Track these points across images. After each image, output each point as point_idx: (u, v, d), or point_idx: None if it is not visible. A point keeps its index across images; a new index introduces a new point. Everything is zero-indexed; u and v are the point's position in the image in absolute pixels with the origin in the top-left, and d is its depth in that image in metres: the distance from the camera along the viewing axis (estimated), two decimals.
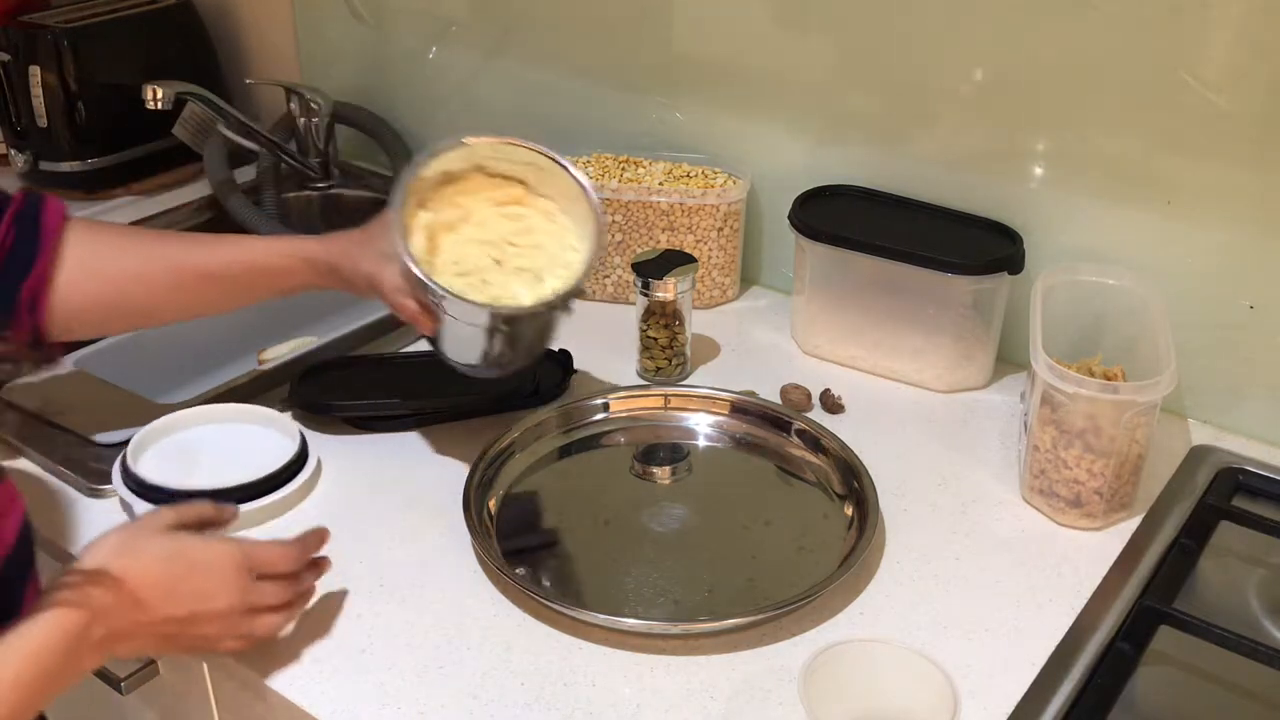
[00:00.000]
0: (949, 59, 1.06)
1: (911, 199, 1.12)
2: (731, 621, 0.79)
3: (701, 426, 1.02)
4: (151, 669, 0.90)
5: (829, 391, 1.06)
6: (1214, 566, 0.88)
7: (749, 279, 1.28)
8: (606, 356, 1.13)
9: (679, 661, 0.78)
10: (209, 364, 1.12)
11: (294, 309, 1.26)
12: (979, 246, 1.04)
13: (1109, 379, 0.89)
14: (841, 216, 1.10)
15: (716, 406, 1.03)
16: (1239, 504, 0.93)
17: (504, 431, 0.98)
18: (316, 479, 0.96)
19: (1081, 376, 0.86)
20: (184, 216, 1.47)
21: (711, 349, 1.15)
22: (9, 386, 1.05)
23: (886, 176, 1.13)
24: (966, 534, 0.90)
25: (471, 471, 0.92)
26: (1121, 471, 0.89)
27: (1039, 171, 1.04)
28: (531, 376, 1.04)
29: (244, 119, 1.42)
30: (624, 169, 1.23)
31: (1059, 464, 0.89)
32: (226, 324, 1.17)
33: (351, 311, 1.19)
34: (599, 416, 1.03)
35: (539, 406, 1.02)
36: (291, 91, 1.46)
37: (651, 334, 1.08)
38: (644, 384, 1.08)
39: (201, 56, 1.57)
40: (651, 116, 1.27)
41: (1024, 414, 0.98)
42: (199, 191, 1.50)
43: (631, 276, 1.07)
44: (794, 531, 0.90)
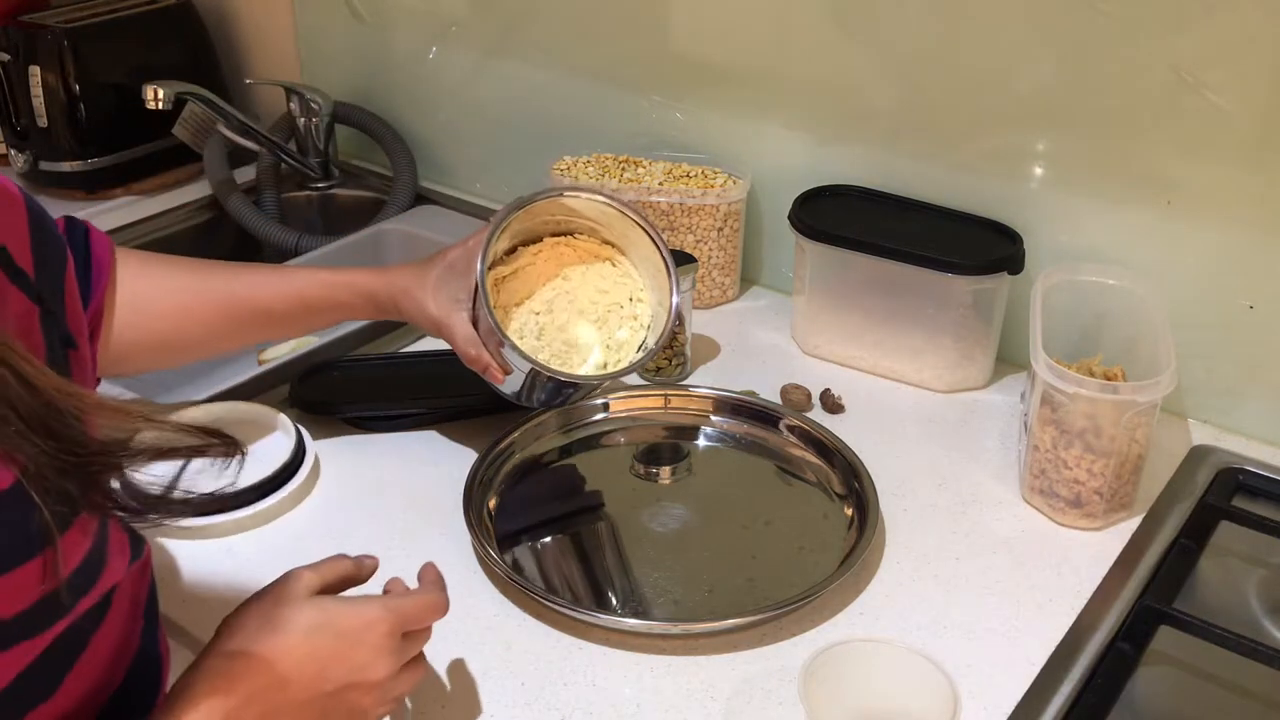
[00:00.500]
0: (949, 59, 1.06)
1: (911, 199, 1.12)
2: (731, 621, 0.79)
3: (701, 426, 1.02)
4: None
5: (829, 391, 1.06)
6: (1214, 566, 0.88)
7: (749, 279, 1.28)
8: None
9: (679, 661, 0.78)
10: (209, 364, 1.12)
11: None
12: (979, 246, 1.04)
13: (1109, 379, 0.89)
14: (841, 216, 1.10)
15: (716, 406, 1.03)
16: (1239, 504, 0.93)
17: (504, 431, 0.98)
18: (315, 479, 0.96)
19: (1081, 376, 0.86)
20: (184, 216, 1.47)
21: (711, 349, 1.15)
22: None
23: (886, 176, 1.13)
24: (966, 534, 0.90)
25: (471, 471, 0.92)
26: (1121, 471, 0.89)
27: (1039, 171, 1.04)
28: None
29: (244, 119, 1.42)
30: (624, 169, 1.23)
31: (1059, 464, 0.89)
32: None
33: None
34: (599, 416, 1.03)
35: (539, 406, 1.02)
36: (291, 91, 1.46)
37: None
38: (644, 384, 1.09)
39: (201, 56, 1.57)
40: (651, 116, 1.27)
41: (1024, 414, 0.98)
42: (199, 191, 1.50)
43: None
44: (794, 531, 0.90)
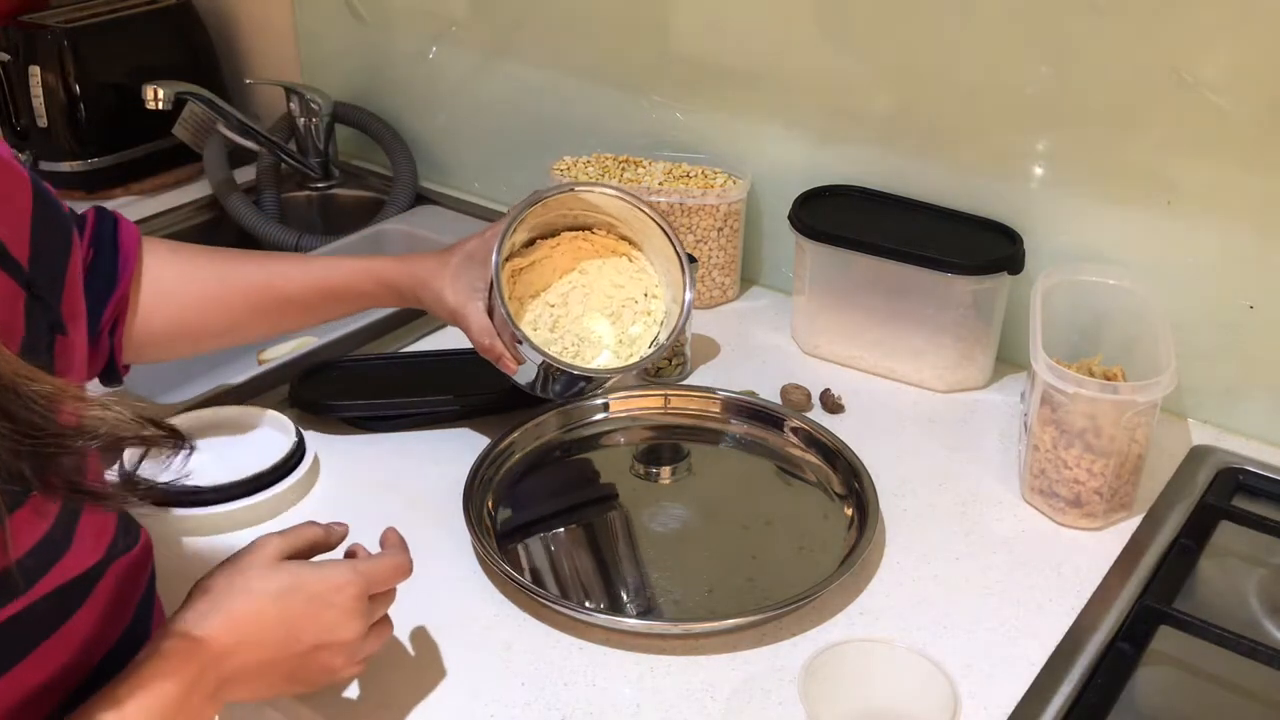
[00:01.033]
0: (950, 59, 1.06)
1: (911, 199, 1.12)
2: (731, 621, 0.79)
3: (701, 426, 1.02)
4: None
5: (829, 391, 1.06)
6: (1214, 566, 0.88)
7: (749, 279, 1.28)
8: None
9: (679, 661, 0.78)
10: (209, 364, 1.12)
11: None
12: (979, 246, 1.04)
13: (1109, 379, 0.89)
14: (841, 216, 1.10)
15: (716, 406, 1.03)
16: (1239, 504, 0.93)
17: (504, 431, 0.98)
18: (315, 476, 0.96)
19: (1081, 376, 0.86)
20: (184, 216, 1.47)
21: (711, 349, 1.15)
22: None
23: (886, 176, 1.13)
24: (966, 534, 0.90)
25: (471, 471, 0.92)
26: (1121, 471, 0.89)
27: (1039, 171, 1.04)
28: None
29: (244, 119, 1.42)
30: (624, 169, 1.23)
31: (1059, 464, 0.89)
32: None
33: None
34: (599, 416, 1.03)
35: (539, 406, 1.02)
36: (291, 91, 1.46)
37: None
38: (644, 384, 1.08)
39: (201, 56, 1.57)
40: (651, 116, 1.27)
41: (1024, 414, 0.98)
42: (199, 191, 1.50)
43: None
44: (794, 531, 0.90)
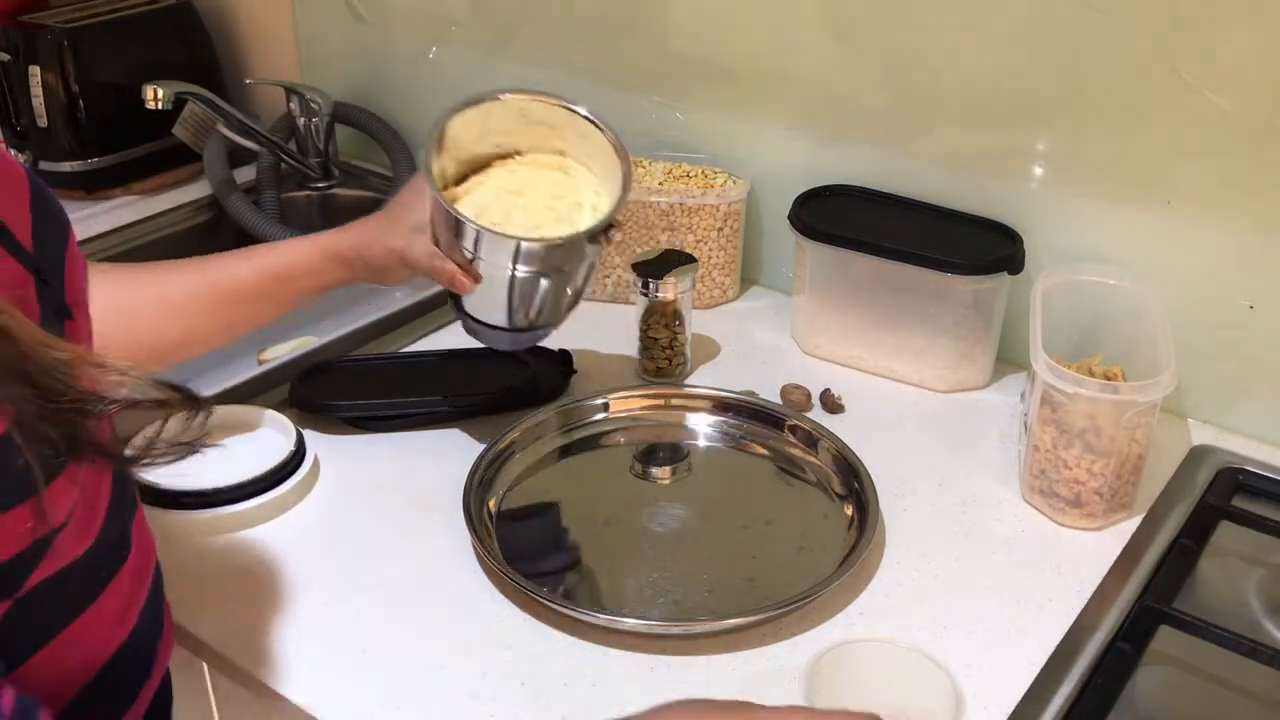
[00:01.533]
0: (949, 59, 1.06)
1: (911, 199, 1.12)
2: (731, 621, 0.79)
3: (701, 426, 1.02)
4: None
5: (829, 391, 1.06)
6: (1214, 566, 0.88)
7: (749, 279, 1.28)
8: (606, 356, 1.13)
9: (679, 661, 0.78)
10: (209, 364, 1.12)
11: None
12: (979, 246, 1.04)
13: (1109, 379, 0.89)
14: (841, 216, 1.10)
15: (716, 406, 1.03)
16: (1239, 504, 0.93)
17: (504, 431, 0.98)
18: (315, 477, 0.96)
19: (1081, 376, 0.86)
20: (184, 216, 1.47)
21: (711, 349, 1.15)
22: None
23: (886, 176, 1.13)
24: (966, 534, 0.90)
25: (471, 471, 0.92)
26: (1121, 471, 0.89)
27: (1039, 171, 1.04)
28: (531, 377, 1.05)
29: (244, 119, 1.42)
30: None
31: (1059, 464, 0.89)
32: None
33: (351, 311, 1.19)
34: (599, 416, 1.03)
35: (539, 406, 1.02)
36: (291, 91, 1.46)
37: (652, 334, 1.08)
38: (644, 384, 1.09)
39: (201, 56, 1.57)
40: (651, 116, 1.27)
41: (1024, 414, 0.98)
42: (199, 191, 1.50)
43: (631, 276, 1.07)
44: (794, 531, 0.90)
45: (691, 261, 1.07)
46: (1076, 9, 0.97)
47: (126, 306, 0.85)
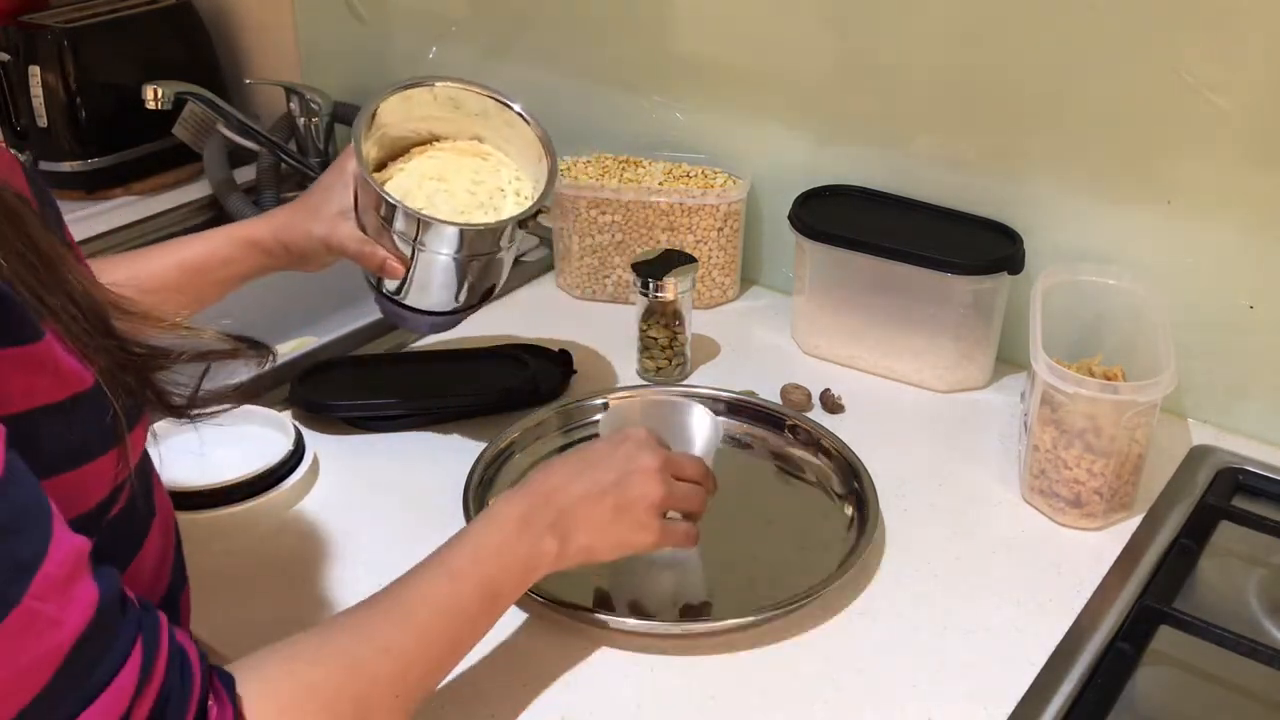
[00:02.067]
0: (949, 59, 1.06)
1: (911, 199, 1.12)
2: (731, 621, 0.79)
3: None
4: None
5: (829, 391, 1.06)
6: (1214, 566, 0.88)
7: (749, 279, 1.28)
8: (606, 356, 1.13)
9: (679, 661, 0.78)
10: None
11: (294, 309, 1.26)
12: (979, 246, 1.04)
13: (1109, 379, 0.89)
14: (841, 216, 1.10)
15: (716, 406, 1.03)
16: (1239, 504, 0.93)
17: (504, 431, 0.98)
18: (314, 476, 0.96)
19: (1081, 376, 0.86)
20: (184, 216, 1.47)
21: (711, 349, 1.15)
22: None
23: (886, 176, 1.13)
24: (966, 534, 0.90)
25: (471, 471, 0.92)
26: (1121, 471, 0.89)
27: (1039, 171, 1.04)
28: (531, 377, 1.04)
29: (244, 119, 1.42)
30: (624, 169, 1.23)
31: (1059, 464, 0.89)
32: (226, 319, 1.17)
33: (351, 311, 1.19)
34: (599, 417, 1.03)
35: (539, 406, 1.02)
36: (291, 91, 1.46)
37: (651, 334, 1.08)
38: (644, 384, 1.08)
39: (201, 56, 1.57)
40: (651, 116, 1.27)
41: (1024, 414, 0.98)
42: (199, 191, 1.50)
43: (631, 276, 1.07)
44: (794, 531, 0.90)
45: (691, 261, 1.07)
46: (1077, 8, 0.96)
47: None
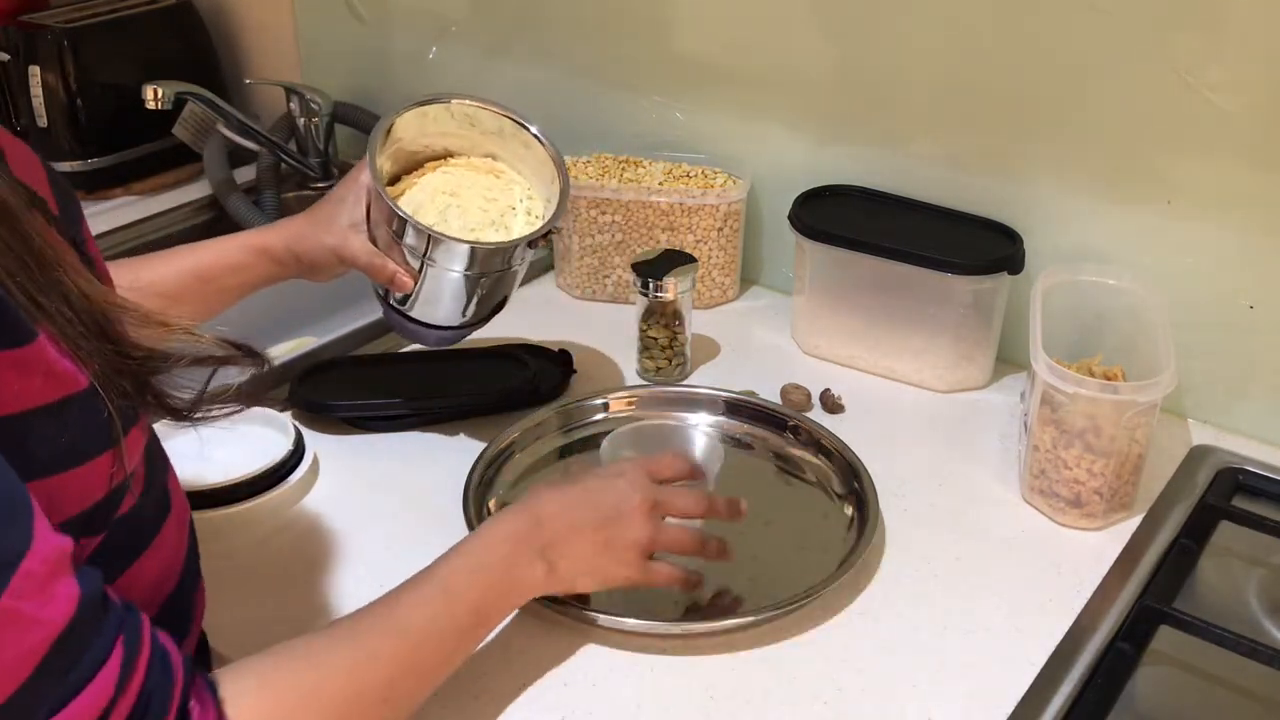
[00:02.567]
0: (949, 59, 1.06)
1: (911, 199, 1.12)
2: (731, 621, 0.79)
3: (701, 426, 1.02)
4: None
5: (829, 391, 1.06)
6: (1214, 566, 0.88)
7: (749, 279, 1.28)
8: (606, 356, 1.13)
9: (679, 661, 0.78)
10: None
11: (294, 309, 1.26)
12: (979, 246, 1.04)
13: (1109, 379, 0.89)
14: (841, 216, 1.10)
15: (716, 406, 1.03)
16: (1239, 504, 0.93)
17: (504, 431, 0.98)
18: (314, 476, 0.96)
19: (1081, 376, 0.86)
20: (184, 216, 1.47)
21: (711, 349, 1.15)
22: None
23: (886, 176, 1.13)
24: (966, 534, 0.90)
25: (471, 471, 0.92)
26: (1121, 471, 0.89)
27: (1039, 171, 1.04)
28: (531, 376, 1.04)
29: (244, 119, 1.42)
30: (624, 169, 1.23)
31: (1059, 464, 0.89)
32: (225, 323, 1.16)
33: (351, 311, 1.19)
34: (599, 416, 1.03)
35: (539, 406, 1.02)
36: (291, 91, 1.46)
37: (651, 334, 1.08)
38: (644, 384, 1.08)
39: (201, 56, 1.57)
40: (651, 116, 1.27)
41: (1024, 414, 0.98)
42: (199, 191, 1.50)
43: (631, 276, 1.07)
44: (794, 531, 0.90)
45: (691, 261, 1.07)
46: (1078, 9, 0.97)
47: None
